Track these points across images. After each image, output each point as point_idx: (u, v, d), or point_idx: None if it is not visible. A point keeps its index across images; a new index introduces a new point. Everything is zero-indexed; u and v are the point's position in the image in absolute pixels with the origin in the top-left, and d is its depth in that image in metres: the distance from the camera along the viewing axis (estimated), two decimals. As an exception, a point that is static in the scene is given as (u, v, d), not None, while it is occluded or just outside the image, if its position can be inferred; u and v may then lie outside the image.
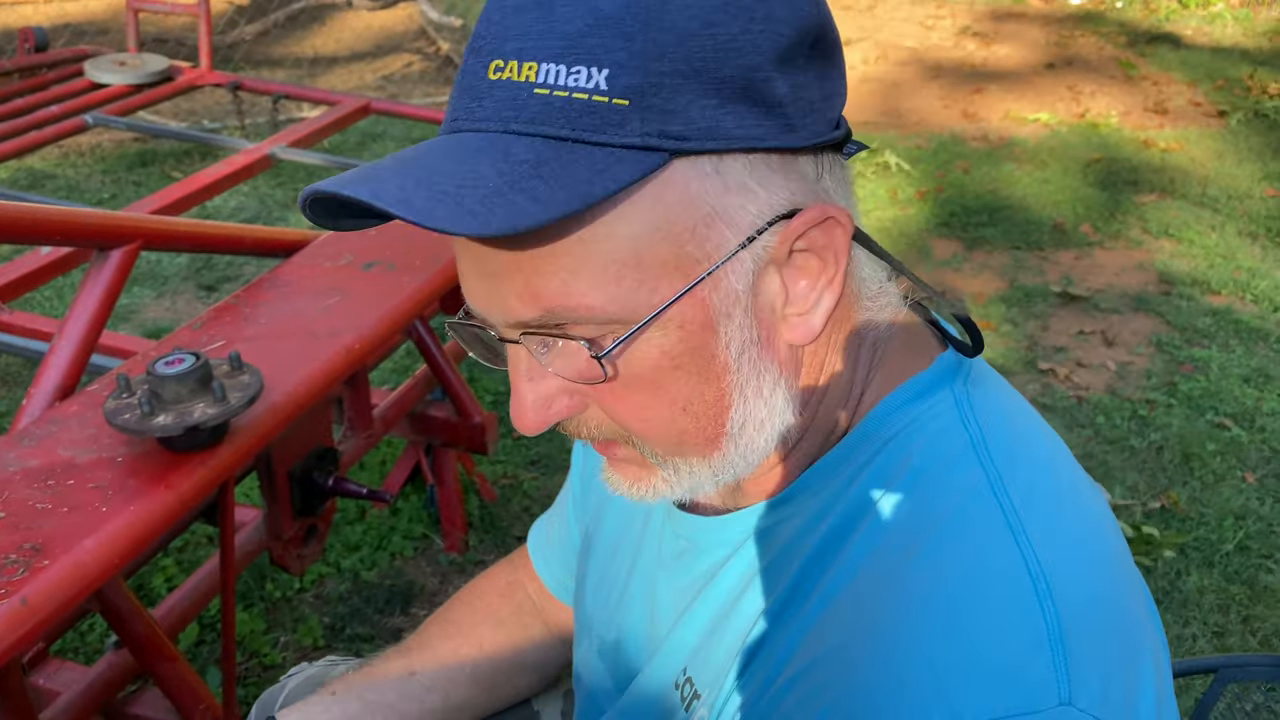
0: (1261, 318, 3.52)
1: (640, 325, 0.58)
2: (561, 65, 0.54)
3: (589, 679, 0.89)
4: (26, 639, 0.93)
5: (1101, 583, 0.60)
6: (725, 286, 0.59)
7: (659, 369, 0.60)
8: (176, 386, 1.08)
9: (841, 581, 0.61)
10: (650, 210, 0.56)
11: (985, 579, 0.57)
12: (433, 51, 5.74)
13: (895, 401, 0.66)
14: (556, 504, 1.05)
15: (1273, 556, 2.39)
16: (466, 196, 0.52)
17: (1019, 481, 0.61)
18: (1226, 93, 5.73)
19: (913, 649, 0.56)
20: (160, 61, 3.61)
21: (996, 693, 0.54)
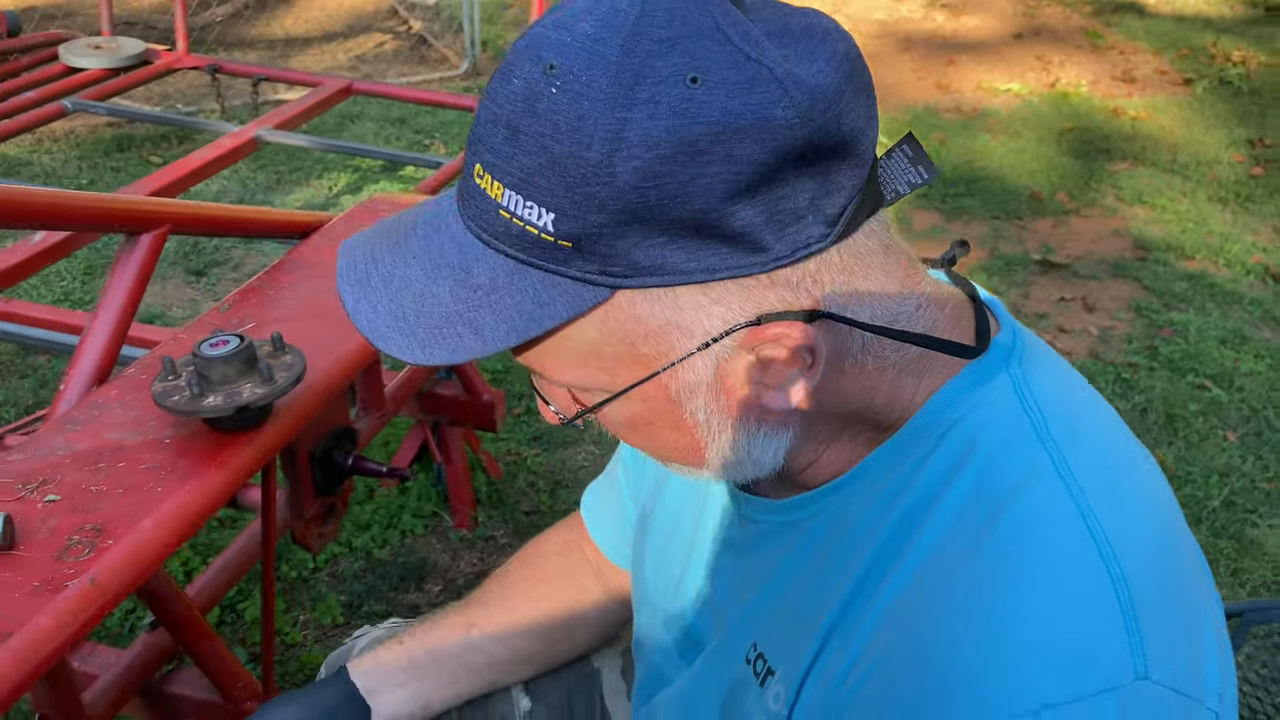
0: (1234, 281, 3.60)
1: (605, 401, 0.65)
2: (519, 196, 0.58)
3: (651, 649, 0.91)
4: (96, 618, 0.95)
5: (1165, 556, 0.63)
6: (683, 378, 0.63)
7: (632, 424, 0.68)
8: (224, 368, 1.10)
9: (914, 568, 0.63)
10: (600, 326, 0.61)
11: (1057, 560, 0.60)
12: (405, 30, 5.70)
13: (955, 389, 0.67)
14: (609, 472, 1.08)
15: (1257, 511, 2.47)
16: (420, 325, 0.61)
17: (1081, 460, 0.63)
18: (1191, 61, 5.82)
19: (990, 635, 0.58)
20: (136, 45, 3.57)
21: (1076, 673, 0.56)
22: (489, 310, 0.60)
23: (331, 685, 0.98)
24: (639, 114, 0.54)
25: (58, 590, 0.93)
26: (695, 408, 0.65)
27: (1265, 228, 4.02)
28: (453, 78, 5.09)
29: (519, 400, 2.71)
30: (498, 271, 0.61)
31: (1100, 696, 0.56)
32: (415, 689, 0.99)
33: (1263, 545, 2.36)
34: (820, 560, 0.70)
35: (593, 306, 0.60)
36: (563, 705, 1.08)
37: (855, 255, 0.62)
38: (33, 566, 0.95)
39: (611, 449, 2.54)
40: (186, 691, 1.43)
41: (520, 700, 1.07)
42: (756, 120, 0.54)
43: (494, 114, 0.59)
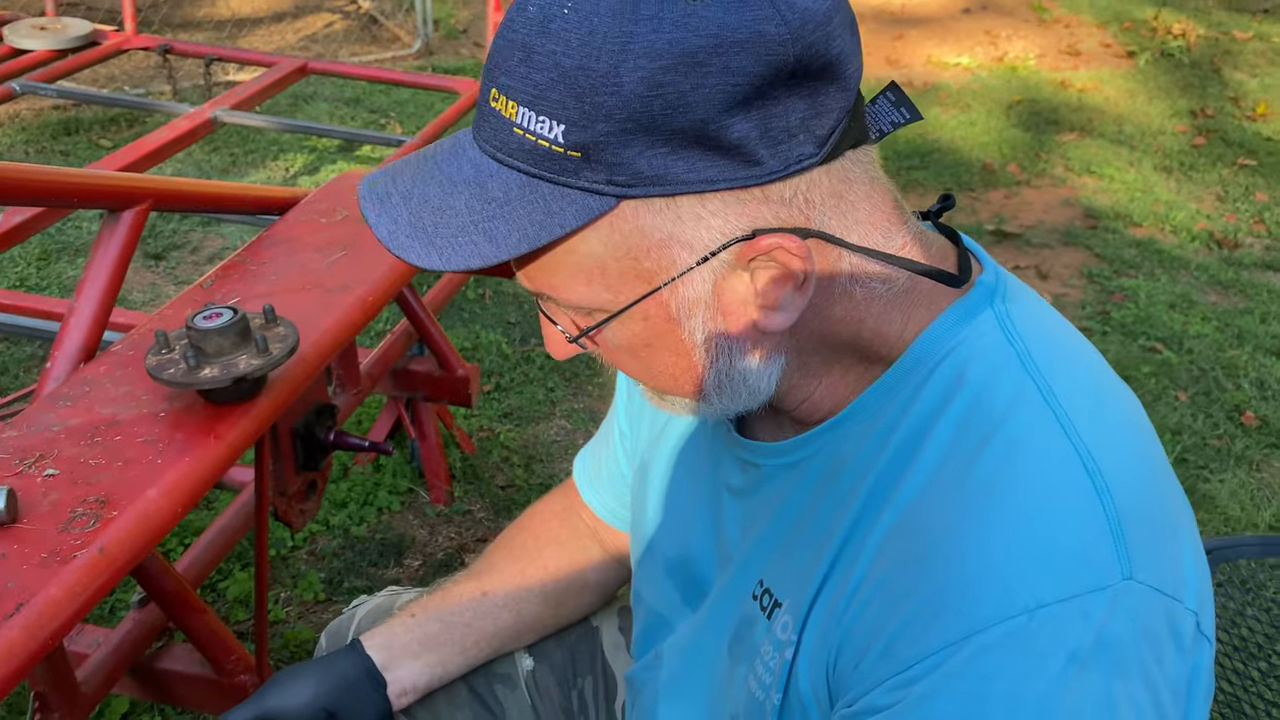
0: (1180, 247, 3.71)
1: (608, 318, 0.68)
2: (532, 112, 0.62)
3: (653, 597, 0.94)
4: (107, 588, 0.95)
5: (1144, 472, 0.68)
6: (683, 294, 0.67)
7: (632, 346, 0.70)
8: (219, 339, 1.10)
9: (912, 494, 0.67)
10: (606, 238, 0.65)
11: (1047, 475, 0.64)
12: (354, 10, 5.63)
13: (942, 325, 0.71)
14: (599, 438, 1.10)
15: (1208, 467, 2.56)
16: (441, 232, 0.65)
17: (1063, 387, 0.67)
18: (1134, 34, 5.94)
19: (989, 543, 0.62)
20: (83, 25, 3.50)
21: (1069, 574, 0.61)
22: (502, 220, 0.64)
23: (345, 657, 1.00)
24: (643, 28, 0.59)
25: (66, 561, 0.93)
26: (693, 327, 0.68)
27: (1209, 195, 4.13)
28: (405, 57, 5.05)
29: (489, 378, 2.72)
30: (511, 186, 0.64)
31: (1091, 595, 0.60)
32: (429, 659, 1.01)
33: (1214, 499, 2.45)
34: (820, 496, 0.74)
35: (599, 215, 0.63)
36: (565, 663, 1.10)
37: (843, 181, 0.66)
38: (38, 539, 0.95)
39: (585, 423, 2.56)
40: (178, 667, 1.44)
41: (523, 660, 1.09)
42: (751, 35, 0.59)
43: (510, 40, 0.63)
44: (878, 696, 0.64)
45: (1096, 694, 0.60)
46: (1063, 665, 0.59)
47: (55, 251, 3.17)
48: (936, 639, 0.61)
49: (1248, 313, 3.26)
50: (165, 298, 2.98)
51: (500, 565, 1.06)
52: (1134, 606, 0.61)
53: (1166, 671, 0.63)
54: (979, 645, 0.60)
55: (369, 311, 1.39)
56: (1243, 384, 2.89)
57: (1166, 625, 0.63)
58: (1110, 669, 0.60)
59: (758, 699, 0.75)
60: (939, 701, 0.61)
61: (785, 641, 0.73)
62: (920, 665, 0.62)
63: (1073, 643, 0.60)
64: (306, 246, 1.50)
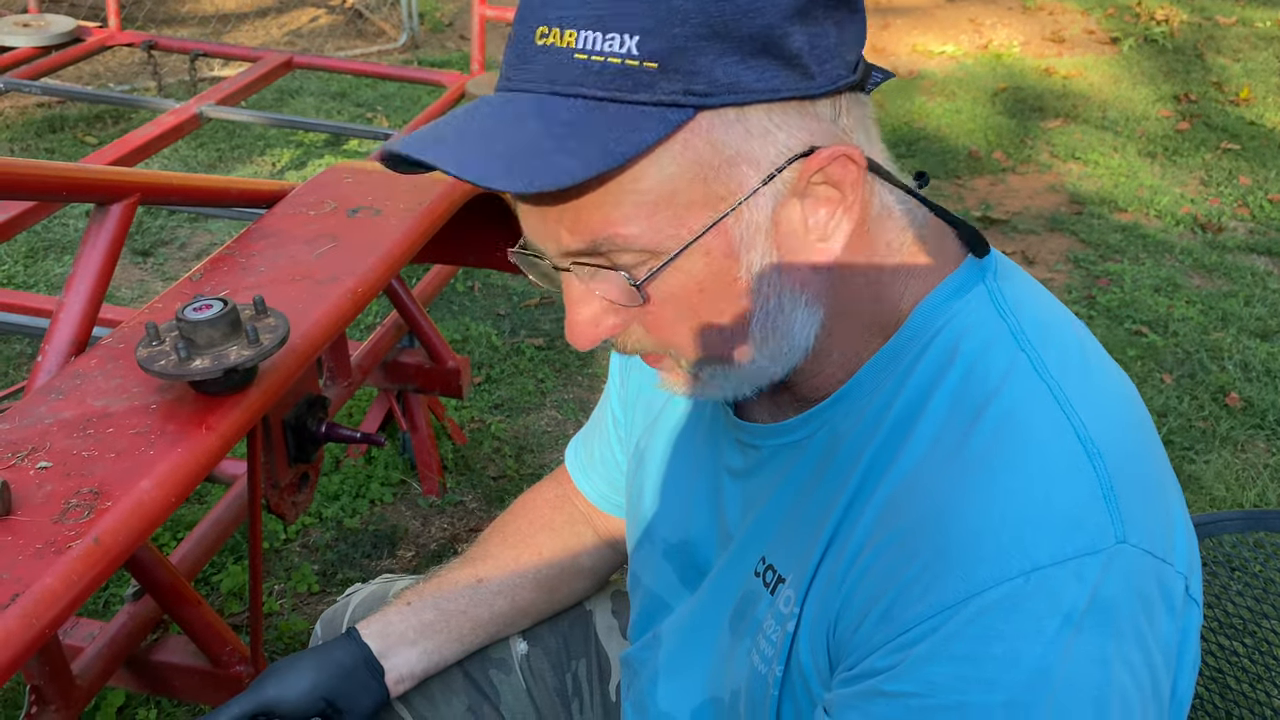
0: (1165, 231, 3.73)
1: (672, 256, 0.66)
2: (598, 32, 0.61)
3: (651, 580, 0.95)
4: (102, 578, 0.96)
5: (1134, 441, 0.69)
6: (747, 219, 0.67)
7: (687, 292, 0.68)
8: (209, 331, 1.11)
9: (911, 462, 0.68)
10: (680, 156, 0.64)
11: (1041, 443, 0.65)
12: (338, 5, 5.62)
13: (936, 300, 0.73)
14: (592, 425, 1.11)
15: (1194, 448, 2.58)
16: (516, 159, 0.61)
17: (1054, 360, 0.69)
18: (1117, 20, 5.96)
19: (985, 509, 0.64)
20: (67, 22, 3.49)
21: (1064, 537, 0.62)
22: (579, 140, 0.62)
23: (343, 646, 1.00)
24: None
25: (61, 551, 0.94)
26: (750, 261, 0.67)
27: (1193, 180, 4.16)
28: (391, 51, 5.04)
29: (479, 369, 2.73)
30: (578, 111, 0.62)
31: (1085, 558, 0.62)
32: (426, 646, 1.01)
33: (1200, 480, 2.47)
34: (821, 472, 0.75)
35: (678, 127, 0.62)
36: (559, 647, 1.11)
37: (866, 117, 0.70)
38: (33, 530, 0.96)
39: (576, 413, 2.57)
40: (174, 659, 1.45)
41: (517, 644, 1.10)
42: None
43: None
44: (877, 660, 0.65)
45: (1092, 655, 0.61)
46: (1059, 627, 0.61)
47: (43, 249, 3.16)
48: (935, 602, 0.63)
49: (1232, 296, 3.28)
50: (154, 294, 2.97)
51: (495, 552, 1.07)
52: (1127, 569, 0.63)
53: (1158, 633, 0.64)
54: (977, 607, 0.62)
55: (359, 302, 1.39)
56: (1227, 366, 2.91)
57: (1158, 587, 0.65)
58: (1105, 630, 0.62)
59: (759, 673, 0.76)
60: (937, 663, 0.62)
61: (787, 615, 0.74)
62: (919, 628, 0.63)
63: (1068, 604, 0.61)
64: (295, 239, 1.50)
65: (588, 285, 0.70)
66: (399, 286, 1.99)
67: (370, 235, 1.53)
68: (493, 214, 1.92)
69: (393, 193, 1.65)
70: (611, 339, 0.73)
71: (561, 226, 0.66)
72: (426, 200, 1.65)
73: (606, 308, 0.71)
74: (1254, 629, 1.23)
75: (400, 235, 1.55)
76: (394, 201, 1.63)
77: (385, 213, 1.60)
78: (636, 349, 0.74)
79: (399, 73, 3.46)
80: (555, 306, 3.06)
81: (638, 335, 0.72)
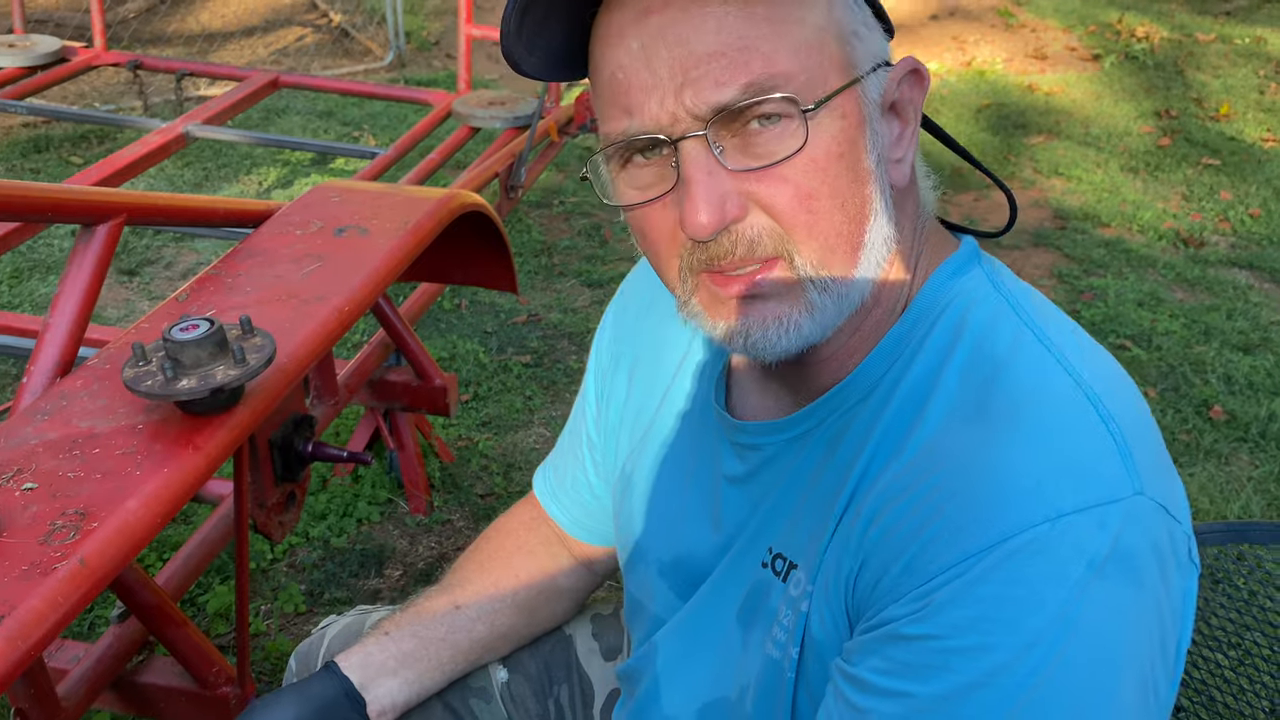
0: (1148, 246, 3.76)
1: (825, 99, 0.68)
2: None
3: (650, 603, 0.94)
4: (88, 599, 0.95)
5: (1137, 409, 0.72)
6: (868, 95, 0.72)
7: (829, 154, 0.69)
8: (196, 351, 1.11)
9: (930, 430, 0.70)
10: (827, 8, 0.70)
11: (1056, 404, 0.68)
12: (325, 23, 5.63)
13: (939, 279, 0.76)
14: (560, 453, 1.11)
15: (1178, 461, 2.60)
16: None
17: (1053, 331, 0.73)
18: (1099, 37, 6.03)
19: (1009, 465, 0.66)
20: (52, 42, 3.49)
21: (1084, 487, 0.64)
22: None
23: (323, 680, 0.99)
24: None
25: (47, 573, 0.93)
26: (872, 139, 0.72)
27: (1174, 195, 4.20)
28: (377, 69, 5.06)
29: (467, 387, 2.73)
30: None
31: (1107, 507, 0.64)
32: (407, 675, 1.00)
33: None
34: (827, 458, 0.76)
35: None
36: (539, 673, 1.10)
37: None
38: (19, 552, 0.95)
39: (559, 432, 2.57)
40: (160, 681, 1.44)
41: (497, 672, 1.09)
42: None
43: None
44: (898, 608, 0.66)
45: (1113, 600, 0.63)
46: (1082, 571, 0.62)
47: (27, 269, 3.15)
48: (959, 551, 0.64)
49: (1214, 309, 3.31)
50: (140, 313, 2.97)
51: (472, 577, 1.06)
52: (1145, 520, 0.65)
53: (1170, 589, 0.67)
54: (1002, 553, 0.63)
55: (345, 321, 1.39)
56: (1210, 379, 2.93)
57: (1169, 543, 0.67)
58: (1125, 578, 0.63)
59: (774, 659, 0.77)
60: (960, 606, 0.64)
61: (799, 596, 0.75)
62: (943, 575, 0.65)
63: (1091, 550, 0.63)
64: (282, 258, 1.51)
65: (719, 157, 0.67)
66: (386, 305, 1.99)
67: (357, 254, 1.54)
68: (479, 232, 1.93)
69: (379, 212, 1.66)
70: (723, 236, 0.69)
71: (710, 77, 0.66)
72: (413, 219, 1.65)
73: (734, 185, 0.68)
74: (1237, 641, 1.24)
75: (387, 254, 1.55)
76: (380, 220, 1.64)
77: (372, 232, 1.60)
78: (746, 247, 0.69)
79: (385, 91, 3.47)
80: (543, 324, 3.06)
81: (756, 225, 0.69)
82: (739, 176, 0.68)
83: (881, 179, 0.72)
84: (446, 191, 1.76)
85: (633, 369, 1.00)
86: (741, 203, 0.69)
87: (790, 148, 0.67)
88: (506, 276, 2.06)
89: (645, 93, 0.68)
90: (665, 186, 0.70)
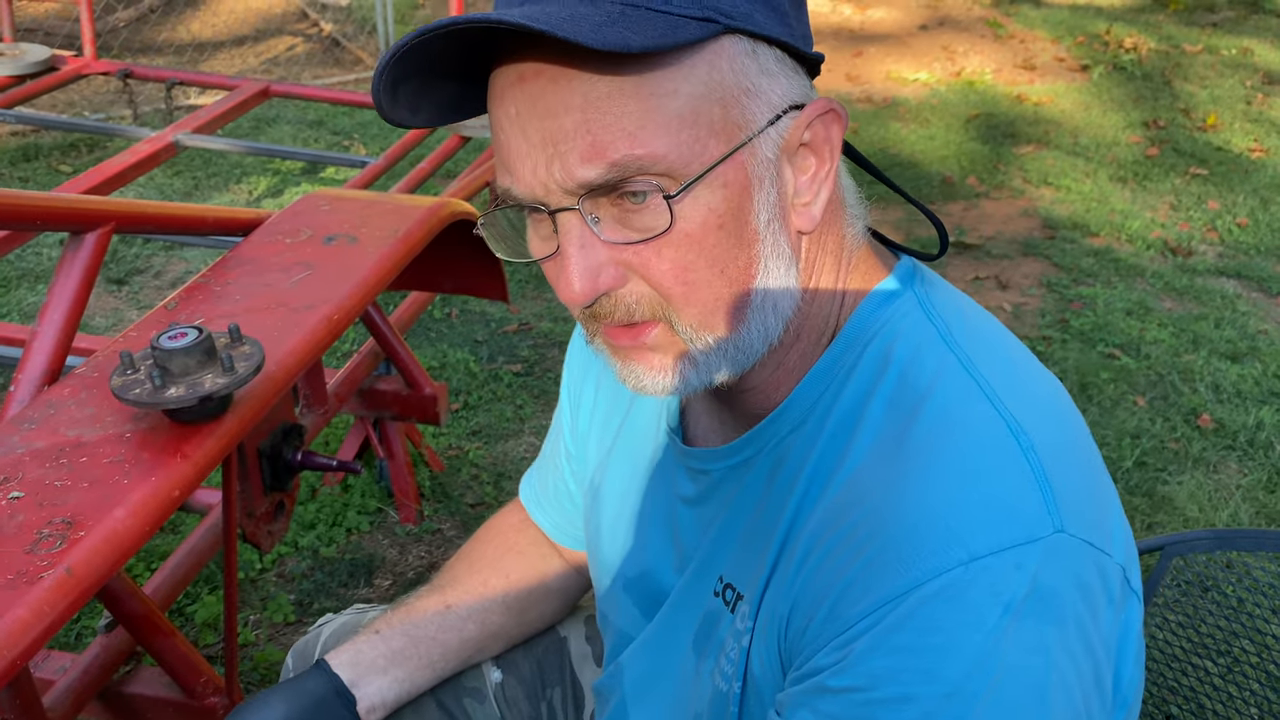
0: (1137, 255, 3.78)
1: (699, 176, 0.66)
2: None
3: (616, 617, 0.95)
4: (74, 608, 0.95)
5: (1065, 436, 0.71)
6: (760, 156, 0.68)
7: (705, 226, 0.67)
8: (184, 359, 1.10)
9: (853, 467, 0.69)
10: (707, 74, 0.65)
11: (975, 437, 0.67)
12: (315, 33, 5.64)
13: (868, 307, 0.75)
14: (543, 460, 1.11)
15: (1166, 469, 2.61)
16: (580, 24, 0.61)
17: (982, 357, 0.71)
18: (1087, 48, 6.06)
19: (923, 505, 0.65)
20: (42, 51, 3.48)
21: (1000, 528, 0.63)
22: (629, 26, 0.62)
23: (313, 678, 0.99)
24: None
25: (33, 582, 0.93)
26: (761, 201, 0.69)
27: (1163, 204, 4.22)
28: (368, 78, 5.06)
29: (457, 396, 2.72)
30: (619, 8, 0.64)
31: (1024, 547, 0.63)
32: (397, 674, 1.00)
33: (1173, 500, 2.50)
34: (768, 486, 0.76)
35: (710, 38, 0.65)
36: (533, 675, 1.11)
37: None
38: (5, 561, 0.95)
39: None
40: (147, 690, 1.43)
41: (490, 673, 1.10)
42: None
43: None
44: (822, 657, 0.66)
45: (1032, 643, 0.62)
46: (999, 616, 0.61)
47: (15, 278, 3.14)
48: (876, 597, 0.63)
49: (1202, 318, 3.32)
50: (128, 322, 2.96)
51: (462, 577, 1.07)
52: (1066, 558, 0.64)
53: (1099, 623, 0.65)
54: (916, 599, 0.62)
55: (335, 330, 1.39)
56: (1199, 388, 2.94)
57: (1098, 577, 0.65)
58: (1045, 618, 0.62)
59: (721, 691, 0.77)
60: (879, 656, 0.63)
61: (743, 630, 0.75)
62: (861, 623, 0.64)
63: (1008, 593, 0.62)
64: (271, 267, 1.50)
65: (593, 229, 0.67)
66: (375, 313, 1.99)
67: (346, 263, 1.53)
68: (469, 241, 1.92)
69: (369, 220, 1.65)
70: (602, 300, 0.70)
71: (575, 154, 0.64)
72: (403, 228, 1.65)
73: (609, 256, 0.68)
74: (1225, 648, 1.24)
75: (376, 263, 1.55)
76: (370, 229, 1.63)
77: (361, 240, 1.60)
78: (626, 311, 0.70)
79: (376, 101, 3.47)
80: (534, 333, 3.06)
81: (635, 293, 0.69)
82: (614, 248, 0.68)
83: (776, 233, 0.70)
84: (436, 200, 1.76)
85: (599, 378, 1.00)
86: (619, 272, 0.69)
87: (661, 225, 0.66)
88: (497, 285, 2.07)
89: (520, 159, 0.67)
90: (552, 247, 0.70)
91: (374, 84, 0.66)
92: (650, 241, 0.67)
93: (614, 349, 0.74)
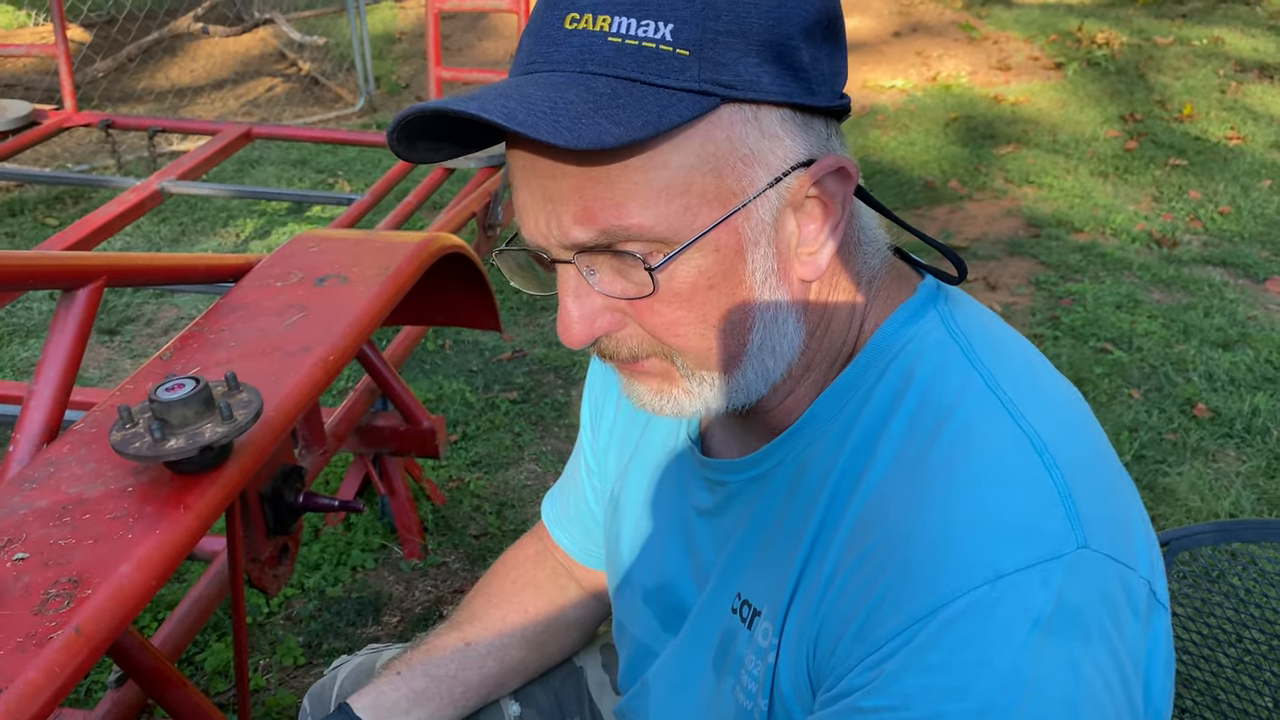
0: (1122, 249, 3.80)
1: (684, 246, 0.67)
2: (633, 18, 0.65)
3: (635, 627, 0.96)
4: (85, 667, 0.95)
5: (1088, 450, 0.71)
6: (755, 219, 0.69)
7: (695, 287, 0.69)
8: (183, 410, 1.11)
9: (875, 484, 0.70)
10: (701, 146, 0.66)
11: (998, 454, 0.67)
12: (294, 73, 5.66)
13: (891, 326, 0.76)
14: (566, 478, 1.12)
15: (1166, 461, 2.61)
16: (560, 116, 0.62)
17: (1005, 374, 0.72)
18: (1060, 46, 6.11)
19: (946, 520, 0.65)
20: (23, 106, 3.49)
21: (1025, 545, 0.64)
22: (619, 110, 0.63)
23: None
24: None
25: (43, 644, 0.93)
26: (756, 262, 0.70)
27: (1145, 197, 4.24)
28: (349, 115, 5.08)
29: (455, 427, 2.72)
30: (614, 87, 0.65)
31: (1049, 564, 0.63)
32: (419, 714, 1.00)
33: (1174, 492, 2.50)
34: (788, 502, 0.77)
35: (706, 113, 0.65)
36: (551, 707, 1.11)
37: (846, 143, 0.74)
38: (13, 624, 0.95)
39: (554, 465, 2.57)
40: (161, 743, 1.42)
41: (509, 707, 1.10)
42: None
43: None
44: (853, 678, 0.66)
45: (1062, 658, 0.62)
46: (1027, 632, 0.62)
47: (7, 334, 3.14)
48: (905, 616, 0.64)
49: (1191, 308, 3.34)
50: (122, 372, 2.96)
51: (481, 613, 1.07)
52: (1091, 573, 0.64)
53: (1126, 637, 0.66)
54: (945, 618, 0.63)
55: (331, 371, 1.39)
56: (1192, 377, 2.96)
57: (1123, 592, 0.66)
58: (1073, 634, 0.63)
59: (745, 709, 0.77)
60: (911, 675, 0.63)
61: (767, 648, 0.75)
62: (891, 643, 0.64)
63: (1035, 610, 0.62)
64: (264, 311, 1.51)
65: (588, 280, 0.70)
66: (370, 350, 1.99)
67: (339, 303, 1.54)
68: (459, 273, 1.93)
69: (359, 259, 1.66)
70: (601, 340, 0.73)
71: (569, 216, 0.67)
72: (393, 265, 1.66)
73: (605, 304, 0.71)
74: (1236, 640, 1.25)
75: (369, 301, 1.56)
76: (360, 268, 1.64)
77: (352, 280, 1.61)
78: (628, 351, 0.73)
79: (358, 137, 3.49)
80: (529, 360, 3.06)
81: (632, 336, 0.72)
82: (609, 299, 0.71)
83: (774, 287, 0.71)
84: (425, 235, 1.76)
85: (620, 394, 1.01)
86: (616, 317, 0.72)
87: (648, 289, 0.69)
88: (489, 315, 2.07)
89: (525, 211, 0.70)
90: None
91: (389, 141, 0.69)
92: (642, 300, 0.70)
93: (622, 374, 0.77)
